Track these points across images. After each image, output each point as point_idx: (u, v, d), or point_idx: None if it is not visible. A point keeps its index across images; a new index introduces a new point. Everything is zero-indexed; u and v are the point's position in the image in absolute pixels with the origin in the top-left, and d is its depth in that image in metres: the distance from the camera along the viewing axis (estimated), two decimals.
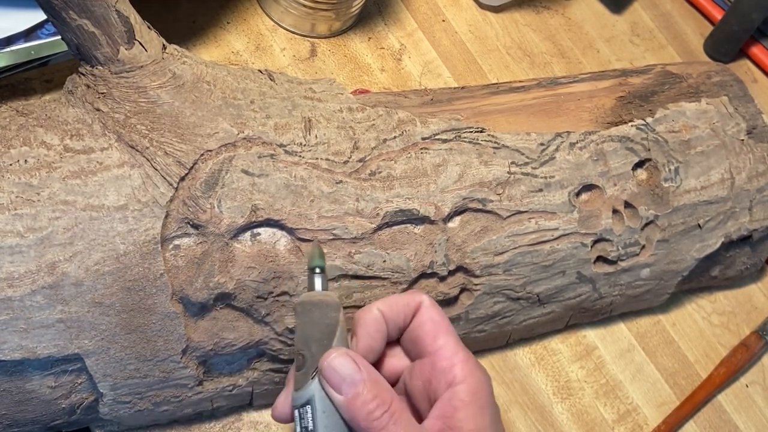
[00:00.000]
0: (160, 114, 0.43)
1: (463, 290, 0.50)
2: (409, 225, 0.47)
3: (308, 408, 0.39)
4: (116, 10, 0.42)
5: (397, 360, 0.44)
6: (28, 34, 0.52)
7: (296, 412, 0.39)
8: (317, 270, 0.42)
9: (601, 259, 0.54)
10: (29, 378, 0.41)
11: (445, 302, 0.50)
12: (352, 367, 0.38)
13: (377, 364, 0.43)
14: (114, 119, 0.43)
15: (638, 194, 0.54)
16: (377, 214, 0.46)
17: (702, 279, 0.62)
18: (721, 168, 0.57)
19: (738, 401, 0.62)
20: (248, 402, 0.50)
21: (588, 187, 0.53)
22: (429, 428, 0.39)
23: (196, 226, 0.43)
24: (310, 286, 0.42)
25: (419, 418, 0.41)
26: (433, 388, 0.41)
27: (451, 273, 0.49)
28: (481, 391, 0.40)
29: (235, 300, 0.44)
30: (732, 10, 0.76)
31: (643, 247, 0.55)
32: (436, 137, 0.49)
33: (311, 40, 0.66)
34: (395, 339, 0.44)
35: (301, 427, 0.39)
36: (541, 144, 0.52)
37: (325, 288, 0.42)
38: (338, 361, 0.38)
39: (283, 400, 0.41)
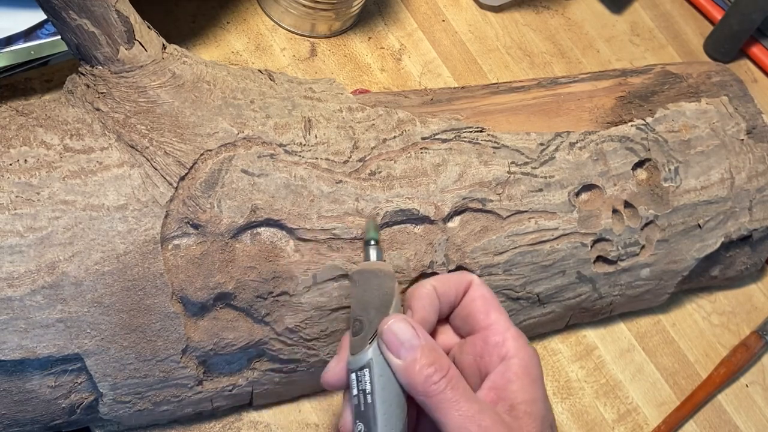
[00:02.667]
0: (160, 114, 0.43)
1: None
2: (408, 225, 0.47)
3: (366, 371, 0.40)
4: (116, 9, 0.42)
5: (446, 337, 0.45)
6: (28, 34, 0.52)
7: (353, 376, 0.40)
8: (372, 242, 0.43)
9: (601, 258, 0.54)
10: (29, 378, 0.41)
11: None
12: (411, 333, 0.39)
13: None
14: (114, 119, 0.43)
15: (638, 194, 0.54)
16: (377, 214, 0.46)
17: (702, 279, 0.62)
18: (721, 168, 0.57)
19: (738, 401, 0.62)
20: (248, 402, 0.50)
21: (588, 187, 0.53)
22: (483, 398, 0.40)
23: (196, 226, 0.43)
24: (366, 257, 0.43)
25: None
26: (485, 362, 0.42)
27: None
28: (533, 366, 0.41)
29: (235, 300, 0.44)
30: (732, 10, 0.76)
31: (643, 247, 0.55)
32: (436, 137, 0.49)
33: (311, 40, 0.66)
34: (446, 316, 0.45)
35: (358, 390, 0.40)
36: (541, 144, 0.52)
37: (380, 258, 0.43)
38: (398, 326, 0.40)
39: (335, 365, 0.42)
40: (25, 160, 0.41)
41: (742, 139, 0.59)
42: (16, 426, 0.43)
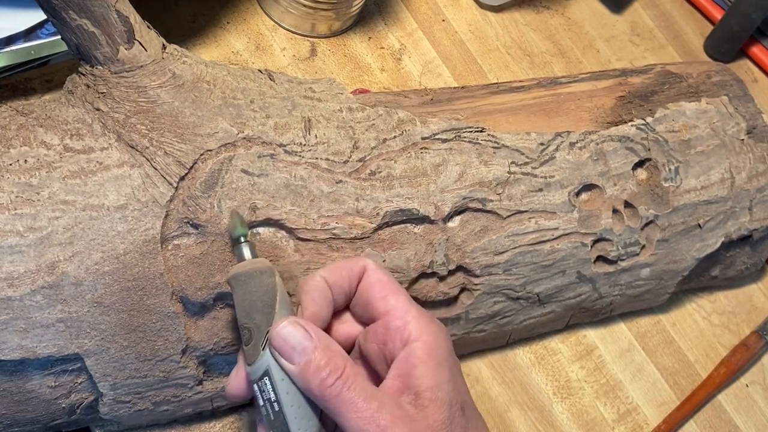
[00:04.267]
0: (160, 114, 0.43)
1: (463, 290, 0.50)
2: (409, 225, 0.47)
3: (266, 380, 0.38)
4: (116, 9, 0.42)
5: (348, 326, 0.43)
6: (28, 34, 0.52)
7: (255, 387, 0.39)
8: (242, 240, 0.41)
9: (601, 258, 0.54)
10: (29, 378, 0.41)
11: (445, 302, 0.50)
12: (302, 335, 0.38)
13: (327, 332, 0.42)
14: (114, 119, 0.43)
15: (638, 194, 0.54)
16: (377, 214, 0.46)
17: (702, 279, 0.62)
18: (721, 168, 0.57)
19: (738, 401, 0.62)
20: (248, 402, 0.50)
21: (588, 187, 0.53)
22: (387, 388, 0.38)
23: (196, 226, 0.43)
24: (239, 257, 0.41)
25: (378, 380, 0.40)
26: (389, 348, 0.40)
27: (451, 273, 0.49)
28: (438, 347, 0.39)
29: None
30: (732, 10, 0.76)
31: (643, 246, 0.55)
32: (436, 137, 0.49)
33: (311, 39, 0.66)
34: (344, 306, 0.43)
35: (263, 400, 0.38)
36: (541, 144, 0.52)
37: (254, 256, 0.41)
38: (287, 330, 0.38)
39: (235, 376, 0.40)
40: (25, 160, 0.41)
41: (743, 139, 0.59)
42: (16, 426, 0.43)
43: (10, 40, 0.52)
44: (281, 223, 0.44)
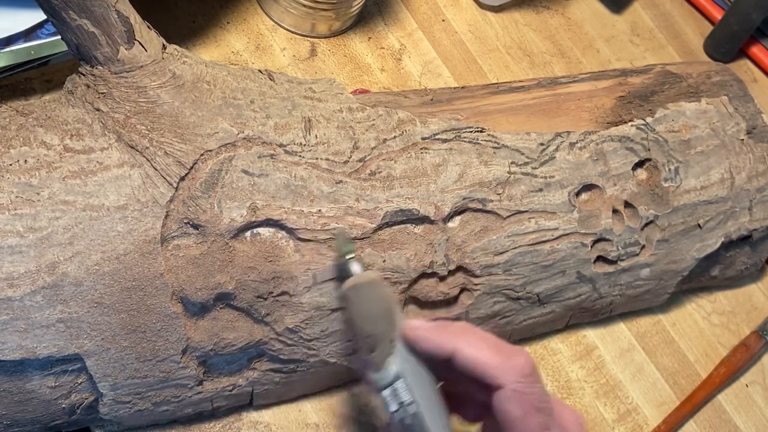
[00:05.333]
0: (160, 114, 0.43)
1: (463, 290, 0.50)
2: (409, 225, 0.47)
3: (400, 382, 0.39)
4: (116, 10, 0.42)
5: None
6: (28, 34, 0.52)
7: (386, 393, 0.39)
8: (351, 256, 0.43)
9: (601, 258, 0.54)
10: (29, 378, 0.41)
11: (445, 302, 0.50)
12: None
13: None
14: (114, 119, 0.43)
15: (638, 194, 0.54)
16: (377, 214, 0.46)
17: (702, 279, 0.62)
18: (721, 168, 0.57)
19: (738, 401, 0.62)
20: (248, 402, 0.50)
21: (588, 187, 0.53)
22: None
23: (196, 226, 0.43)
24: (348, 273, 0.42)
25: None
26: None
27: (451, 273, 0.49)
28: None
29: (235, 300, 0.44)
30: (732, 10, 0.76)
31: (643, 246, 0.55)
32: (436, 137, 0.49)
33: (311, 40, 0.66)
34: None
35: (397, 404, 0.39)
36: (541, 144, 0.52)
37: (365, 269, 0.43)
38: (417, 323, 0.40)
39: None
40: (25, 161, 0.41)
41: (742, 139, 0.59)
42: (17, 426, 0.43)
43: (10, 40, 0.52)
44: (281, 224, 0.44)
